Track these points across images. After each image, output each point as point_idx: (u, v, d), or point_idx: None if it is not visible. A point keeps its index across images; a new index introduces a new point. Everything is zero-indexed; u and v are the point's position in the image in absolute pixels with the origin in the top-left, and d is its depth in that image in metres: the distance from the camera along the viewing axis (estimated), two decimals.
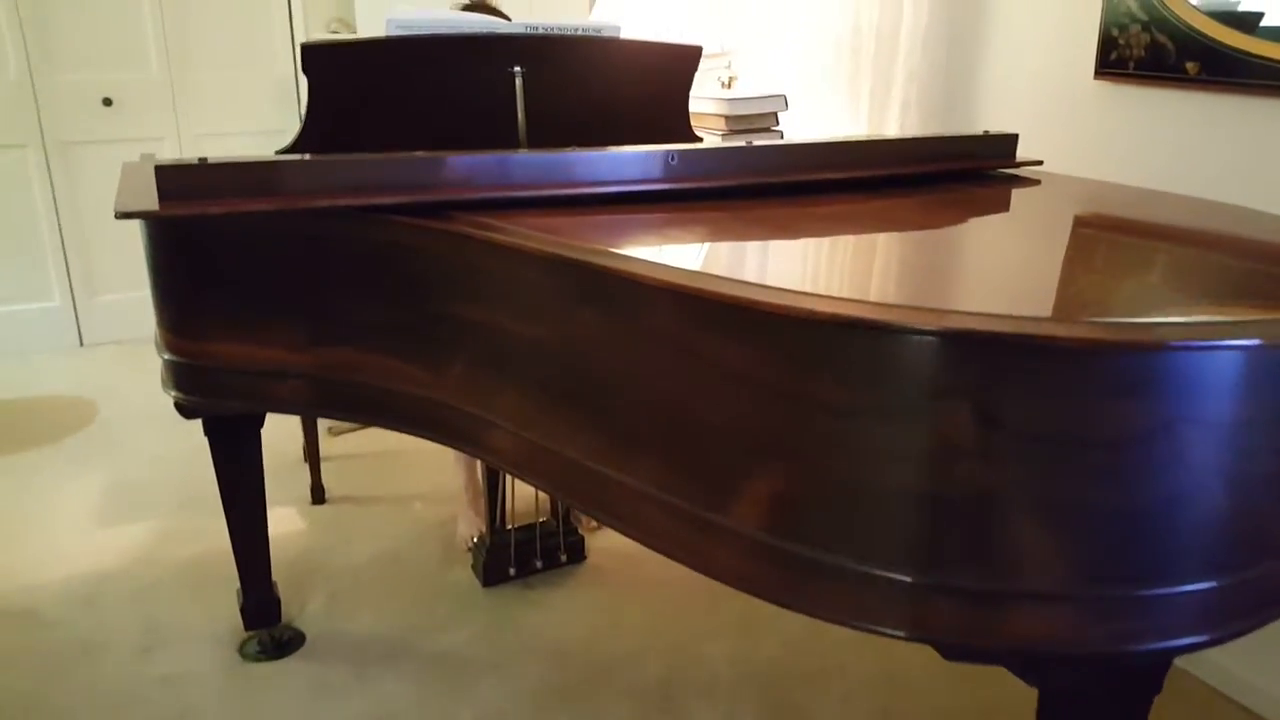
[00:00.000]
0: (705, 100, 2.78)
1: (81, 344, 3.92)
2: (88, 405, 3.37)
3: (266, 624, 2.11)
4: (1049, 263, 1.33)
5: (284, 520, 2.60)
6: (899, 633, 1.08)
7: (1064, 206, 1.74)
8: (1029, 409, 0.99)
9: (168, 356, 1.69)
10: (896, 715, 1.92)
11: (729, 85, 3.00)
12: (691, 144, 1.80)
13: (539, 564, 2.36)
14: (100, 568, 2.39)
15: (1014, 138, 1.98)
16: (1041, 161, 2.00)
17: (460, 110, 1.91)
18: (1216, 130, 1.94)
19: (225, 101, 3.92)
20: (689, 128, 2.17)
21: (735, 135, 2.73)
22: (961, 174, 1.93)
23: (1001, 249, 1.43)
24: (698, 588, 2.30)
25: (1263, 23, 1.85)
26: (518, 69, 1.90)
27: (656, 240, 1.45)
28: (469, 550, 2.43)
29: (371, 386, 1.59)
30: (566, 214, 1.52)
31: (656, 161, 1.64)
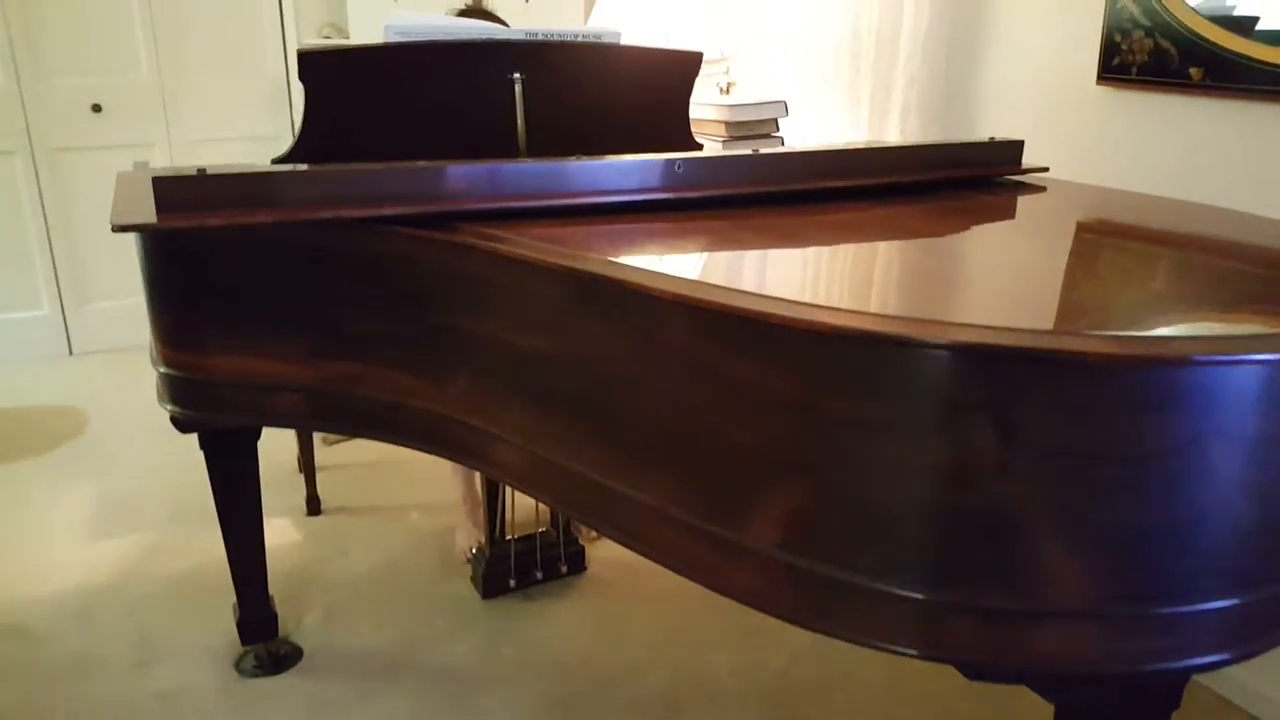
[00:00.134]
0: (705, 106, 2.76)
1: (71, 353, 3.87)
2: (78, 415, 3.33)
3: (263, 639, 2.08)
4: (1065, 272, 1.32)
5: (279, 532, 2.56)
6: (918, 652, 1.06)
7: (1073, 214, 1.73)
8: (1052, 424, 0.98)
9: (164, 370, 1.66)
10: None
11: (727, 91, 2.98)
12: (696, 152, 1.78)
13: (539, 575, 2.34)
14: (92, 581, 2.36)
15: (1019, 144, 1.96)
16: (1048, 168, 1.98)
17: (459, 117, 1.89)
18: (1221, 136, 1.93)
19: (216, 107, 3.88)
20: (689, 134, 2.15)
21: (736, 142, 2.71)
22: (966, 181, 1.91)
23: (1016, 258, 1.41)
24: (700, 598, 2.28)
25: (1258, 26, 1.84)
26: (517, 75, 1.88)
27: (664, 250, 1.43)
28: (467, 561, 2.40)
29: (373, 400, 1.56)
30: (571, 224, 1.50)
31: (662, 170, 1.62)
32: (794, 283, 1.29)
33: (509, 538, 2.32)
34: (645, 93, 2.07)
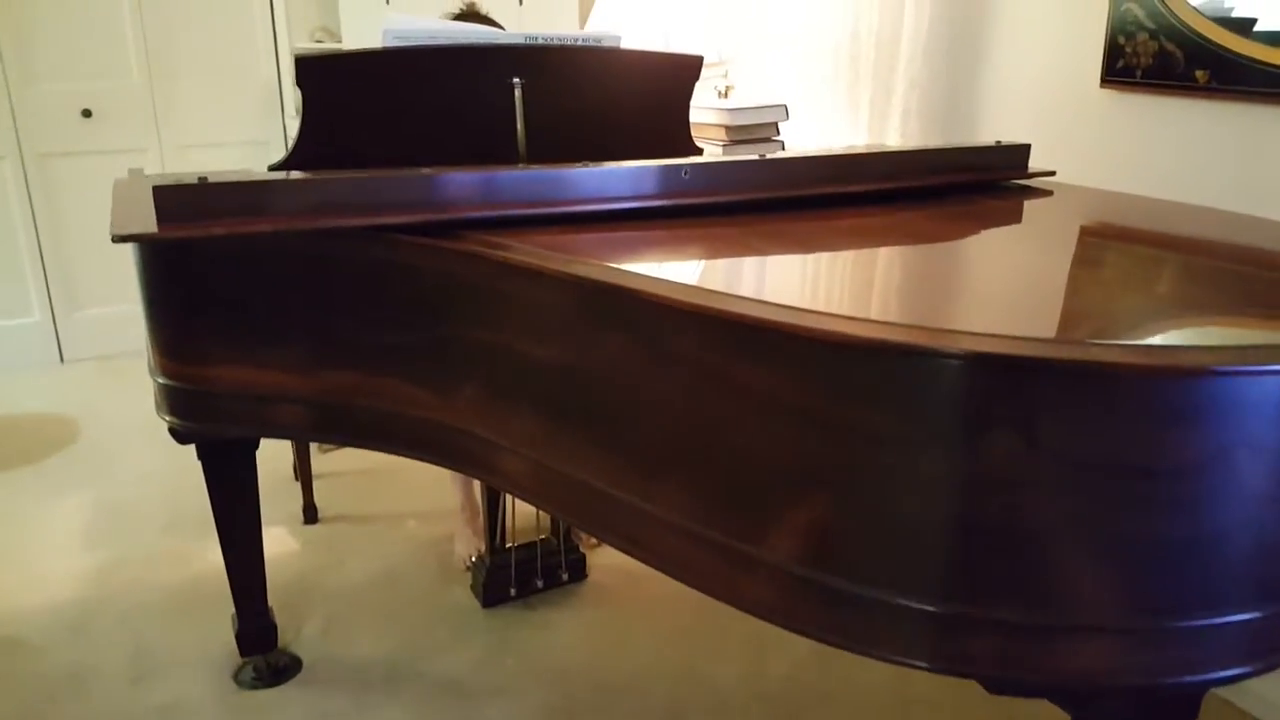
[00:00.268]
0: (705, 110, 2.74)
1: (62, 360, 3.83)
2: (70, 423, 3.29)
3: (262, 650, 2.05)
4: (1080, 279, 1.30)
5: (276, 541, 2.54)
6: (938, 667, 1.05)
7: (1083, 219, 1.72)
8: (1074, 435, 0.96)
9: (162, 380, 1.63)
10: None
11: (725, 94, 2.96)
12: (701, 157, 1.77)
13: (540, 583, 2.32)
14: (87, 592, 2.33)
15: (1026, 149, 1.95)
16: (1054, 172, 1.97)
17: (459, 122, 1.87)
18: (1226, 139, 1.92)
19: (208, 112, 3.85)
20: (690, 138, 2.13)
21: (736, 146, 2.70)
22: (973, 185, 1.90)
23: (1029, 263, 1.40)
24: (703, 606, 2.25)
25: (1255, 27, 1.84)
26: (517, 80, 1.86)
27: (673, 258, 1.41)
28: (467, 570, 2.38)
29: (376, 411, 1.54)
30: (578, 230, 1.48)
31: (670, 176, 1.60)
32: (808, 291, 1.27)
33: (509, 545, 2.30)
34: (646, 96, 2.05)
